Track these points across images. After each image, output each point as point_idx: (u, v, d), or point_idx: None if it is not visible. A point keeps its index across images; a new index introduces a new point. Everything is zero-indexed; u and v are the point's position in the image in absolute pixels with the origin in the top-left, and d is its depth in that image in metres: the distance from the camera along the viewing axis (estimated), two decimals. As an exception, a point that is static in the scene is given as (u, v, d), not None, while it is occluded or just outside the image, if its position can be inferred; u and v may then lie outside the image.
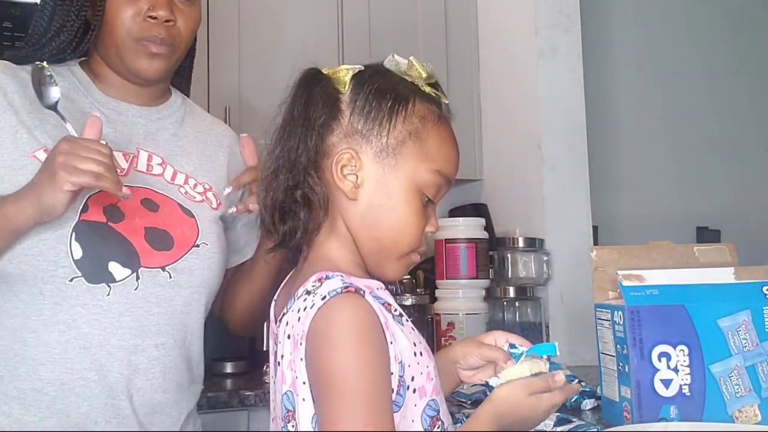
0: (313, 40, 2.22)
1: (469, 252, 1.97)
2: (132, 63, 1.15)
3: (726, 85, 3.04)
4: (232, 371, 1.96)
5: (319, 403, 0.81)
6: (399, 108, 0.91)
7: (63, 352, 1.05)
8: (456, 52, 2.43)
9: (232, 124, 2.11)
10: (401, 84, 0.93)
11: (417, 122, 0.92)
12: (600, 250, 1.26)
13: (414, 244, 0.92)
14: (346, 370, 0.80)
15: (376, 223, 0.90)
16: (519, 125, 2.28)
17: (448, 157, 0.94)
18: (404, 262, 0.93)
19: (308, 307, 0.83)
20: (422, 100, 0.93)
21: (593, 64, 2.50)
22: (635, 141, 2.88)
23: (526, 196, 2.23)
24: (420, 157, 0.91)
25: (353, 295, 0.82)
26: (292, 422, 0.86)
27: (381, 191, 0.90)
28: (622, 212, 2.81)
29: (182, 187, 1.18)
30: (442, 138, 0.94)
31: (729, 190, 2.98)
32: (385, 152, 0.90)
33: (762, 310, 1.14)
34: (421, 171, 0.91)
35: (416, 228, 0.91)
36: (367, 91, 0.92)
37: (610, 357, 1.20)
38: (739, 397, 1.12)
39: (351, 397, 0.79)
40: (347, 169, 0.90)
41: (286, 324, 0.87)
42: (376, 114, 0.91)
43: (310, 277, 0.86)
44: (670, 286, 1.15)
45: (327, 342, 0.81)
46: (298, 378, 0.84)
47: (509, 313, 2.13)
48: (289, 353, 0.86)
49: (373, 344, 0.82)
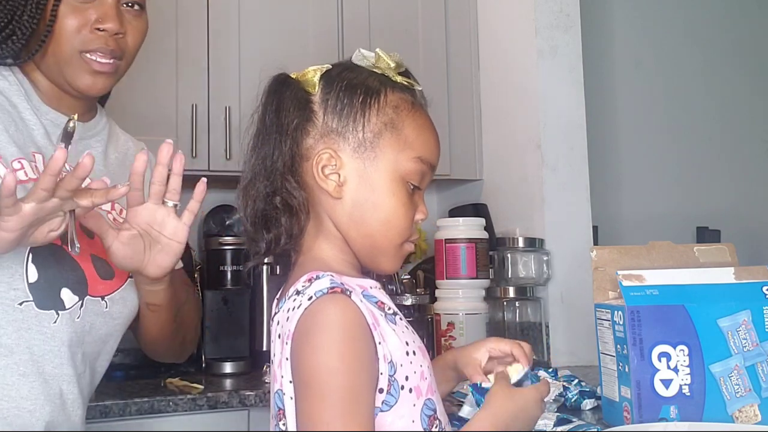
0: (313, 40, 2.22)
1: (469, 252, 1.97)
2: (74, 78, 1.08)
3: (726, 85, 3.04)
4: (232, 371, 1.96)
5: (299, 402, 0.82)
6: (371, 101, 0.91)
7: (1, 377, 1.01)
8: (456, 52, 2.43)
9: (233, 125, 2.11)
10: (371, 77, 0.93)
11: (391, 112, 0.91)
12: (600, 250, 1.26)
13: (405, 234, 0.92)
14: (325, 371, 0.80)
15: (363, 218, 0.90)
16: (519, 125, 2.28)
17: (427, 142, 0.93)
18: (398, 254, 0.93)
19: (296, 307, 0.83)
20: (394, 90, 0.93)
21: (593, 64, 2.50)
22: (635, 141, 2.88)
23: (526, 196, 2.23)
24: (398, 146, 0.91)
25: (339, 295, 0.82)
26: (282, 420, 0.86)
27: (364, 186, 0.90)
28: (622, 212, 2.81)
29: (110, 213, 1.13)
30: (419, 125, 0.93)
31: (729, 190, 2.98)
32: (363, 146, 0.90)
33: (762, 310, 1.14)
34: (402, 160, 0.90)
35: (405, 218, 0.91)
36: (337, 89, 0.92)
37: (610, 357, 1.20)
38: (739, 397, 1.12)
39: (329, 398, 0.79)
40: (328, 169, 0.90)
41: (277, 323, 0.87)
42: (349, 110, 0.91)
43: (302, 277, 0.86)
44: (670, 286, 1.15)
45: (309, 342, 0.81)
46: (284, 377, 0.85)
47: (509, 313, 2.13)
48: (279, 352, 0.86)
49: (356, 345, 0.81)
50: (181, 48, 2.11)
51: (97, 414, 1.60)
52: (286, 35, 2.21)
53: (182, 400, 1.67)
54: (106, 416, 1.61)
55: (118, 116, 2.05)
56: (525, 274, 2.12)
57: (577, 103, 2.22)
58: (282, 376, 0.85)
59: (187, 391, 1.73)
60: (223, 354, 2.07)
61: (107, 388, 1.78)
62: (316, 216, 0.92)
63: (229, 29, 2.17)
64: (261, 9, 2.21)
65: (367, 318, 0.83)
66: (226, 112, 2.11)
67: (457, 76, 2.42)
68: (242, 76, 2.14)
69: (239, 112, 2.12)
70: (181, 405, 1.67)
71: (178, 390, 1.75)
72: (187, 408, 1.68)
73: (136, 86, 2.07)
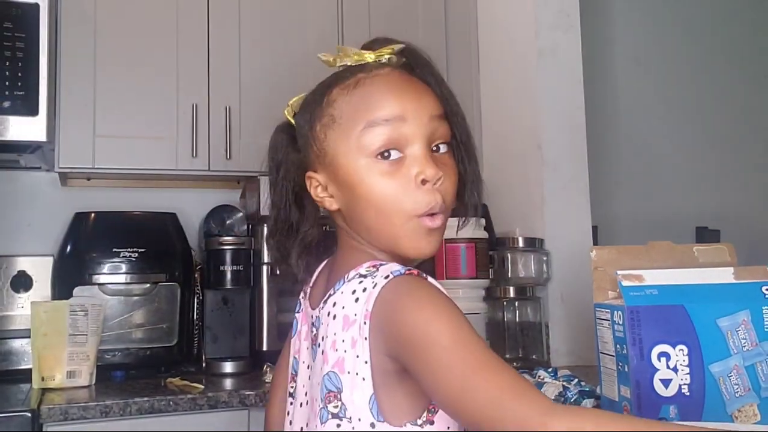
0: (313, 40, 2.22)
1: (469, 252, 1.97)
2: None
3: (726, 86, 3.04)
4: (232, 371, 1.96)
5: (433, 361, 0.75)
6: (314, 113, 0.92)
7: None
8: (456, 52, 2.43)
9: (233, 125, 2.12)
10: (319, 88, 0.94)
11: (329, 110, 0.90)
12: (600, 250, 1.26)
13: (402, 206, 0.85)
14: (448, 327, 0.75)
15: (357, 216, 0.90)
16: (519, 125, 2.28)
17: (372, 103, 0.86)
18: (416, 232, 0.86)
19: (368, 287, 0.82)
20: (337, 84, 0.91)
21: (593, 64, 2.50)
22: (635, 141, 2.88)
23: (526, 196, 2.23)
24: (343, 133, 0.88)
25: (418, 276, 0.82)
26: (334, 402, 0.84)
27: (342, 188, 0.90)
28: (622, 212, 2.81)
29: None
30: (358, 97, 0.88)
31: (729, 190, 2.99)
32: (321, 154, 0.91)
33: (761, 310, 1.14)
34: (353, 141, 0.86)
35: (394, 190, 0.85)
36: (299, 116, 0.95)
37: (609, 357, 1.20)
38: (739, 396, 1.12)
39: (466, 345, 0.75)
40: (318, 190, 0.92)
41: (333, 305, 0.86)
42: (304, 130, 0.93)
43: (363, 263, 0.86)
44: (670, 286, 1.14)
45: (412, 310, 0.77)
46: (360, 357, 0.81)
47: (509, 313, 2.13)
48: (333, 333, 0.85)
49: (456, 307, 0.79)
50: (181, 48, 2.12)
51: (97, 414, 1.61)
52: (286, 35, 2.21)
53: (182, 400, 1.68)
54: (106, 416, 1.61)
55: (118, 117, 2.06)
56: (525, 274, 2.12)
57: (577, 103, 2.22)
58: (342, 358, 0.83)
59: (187, 391, 1.73)
60: (223, 354, 2.08)
61: (107, 388, 1.79)
62: (344, 231, 0.94)
63: (229, 29, 2.17)
64: (261, 9, 2.21)
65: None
66: (226, 112, 2.11)
67: (457, 76, 2.42)
68: (242, 76, 2.15)
69: (239, 112, 2.13)
70: (181, 405, 1.67)
71: (178, 390, 1.75)
72: (187, 408, 1.68)
73: (137, 86, 2.08)
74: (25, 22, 1.80)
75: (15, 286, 2.08)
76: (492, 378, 0.73)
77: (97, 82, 2.03)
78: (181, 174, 2.15)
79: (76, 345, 1.81)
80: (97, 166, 2.02)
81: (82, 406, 1.60)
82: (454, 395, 0.74)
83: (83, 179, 2.25)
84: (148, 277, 2.00)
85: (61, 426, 1.59)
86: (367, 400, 0.82)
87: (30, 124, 1.80)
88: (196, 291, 2.14)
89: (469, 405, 0.73)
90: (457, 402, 0.74)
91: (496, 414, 0.71)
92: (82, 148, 2.00)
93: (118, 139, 2.04)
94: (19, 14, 1.80)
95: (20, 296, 2.07)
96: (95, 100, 2.03)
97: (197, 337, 2.12)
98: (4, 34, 1.78)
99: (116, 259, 1.97)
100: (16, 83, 1.78)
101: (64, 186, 2.26)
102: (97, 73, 2.04)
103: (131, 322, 1.98)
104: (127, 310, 1.98)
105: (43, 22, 1.82)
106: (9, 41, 1.78)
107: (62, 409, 1.59)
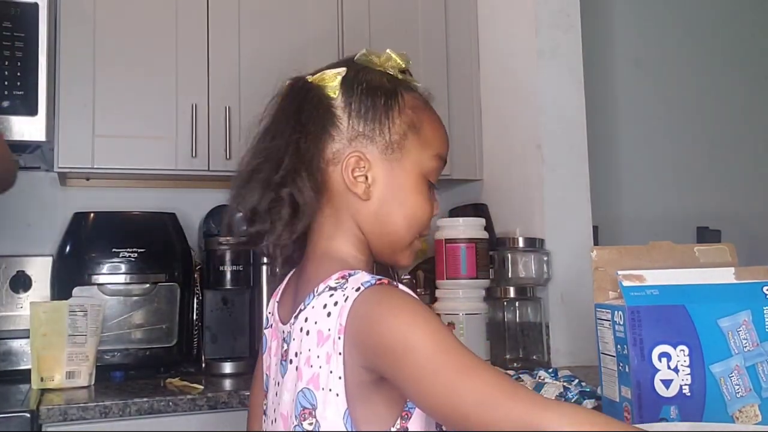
0: (313, 40, 2.22)
1: (469, 252, 1.97)
2: None
3: (726, 86, 3.04)
4: (232, 371, 1.96)
5: (417, 368, 0.75)
6: (392, 103, 0.93)
7: None
8: (456, 51, 2.43)
9: (233, 125, 2.11)
10: (384, 78, 0.95)
11: (411, 113, 0.94)
12: (600, 250, 1.26)
13: (425, 229, 0.96)
14: (425, 332, 0.75)
15: (389, 216, 0.92)
16: (519, 125, 2.28)
17: (442, 139, 0.97)
18: (413, 248, 0.97)
19: (339, 301, 0.82)
20: (407, 90, 0.96)
21: (593, 64, 2.50)
22: (635, 141, 2.88)
23: (526, 196, 2.22)
24: (421, 146, 0.94)
25: (390, 285, 0.82)
26: (309, 419, 0.84)
27: (391, 186, 0.92)
28: (622, 212, 2.81)
29: None
30: (434, 123, 0.97)
31: (729, 190, 2.98)
32: (390, 149, 0.92)
33: (762, 310, 1.13)
34: (425, 159, 0.94)
35: (427, 213, 0.95)
36: (358, 92, 0.93)
37: (610, 357, 1.20)
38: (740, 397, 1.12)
39: (448, 350, 0.74)
40: (357, 172, 0.91)
41: (305, 320, 0.86)
42: (374, 114, 0.92)
43: (332, 274, 0.86)
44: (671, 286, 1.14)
45: (386, 320, 0.78)
46: (333, 372, 0.81)
47: (509, 313, 2.13)
48: (308, 349, 0.84)
49: (431, 313, 0.80)
50: (181, 48, 2.11)
51: (97, 414, 1.60)
52: (286, 35, 2.21)
53: (182, 400, 1.67)
54: (106, 416, 1.61)
55: (118, 117, 2.06)
56: (525, 274, 2.12)
57: (577, 103, 2.22)
58: (317, 373, 0.82)
59: (187, 391, 1.73)
60: (223, 354, 2.08)
61: (107, 388, 1.79)
62: (336, 218, 0.93)
63: (229, 29, 2.16)
64: (261, 9, 2.21)
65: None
66: (226, 112, 2.10)
67: (457, 76, 2.42)
68: (242, 76, 2.14)
69: (239, 112, 2.12)
70: (181, 405, 1.67)
71: (178, 390, 1.75)
72: (187, 408, 1.67)
73: (136, 86, 2.07)
74: (24, 21, 1.80)
75: (14, 286, 2.07)
76: (480, 379, 0.73)
77: (96, 82, 2.03)
78: (180, 174, 2.14)
79: (76, 345, 1.81)
80: (97, 166, 2.02)
81: (81, 407, 1.60)
82: (442, 399, 0.73)
83: (82, 179, 2.25)
84: (148, 277, 1.99)
85: (61, 426, 1.59)
86: (341, 415, 0.81)
87: (29, 124, 1.80)
88: (196, 291, 2.14)
89: (459, 408, 0.72)
90: (445, 406, 0.73)
91: (490, 414, 0.71)
92: (82, 148, 1.99)
93: (118, 139, 2.03)
94: (19, 14, 1.79)
95: (19, 296, 2.07)
96: (95, 100, 2.02)
97: (197, 337, 2.12)
98: (3, 34, 1.78)
99: (116, 259, 1.97)
100: (15, 83, 1.78)
101: (64, 186, 2.26)
102: (96, 73, 2.03)
103: (131, 322, 1.98)
104: (127, 310, 1.98)
105: (43, 21, 1.82)
106: (8, 41, 1.77)
107: (61, 409, 1.58)
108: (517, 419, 0.69)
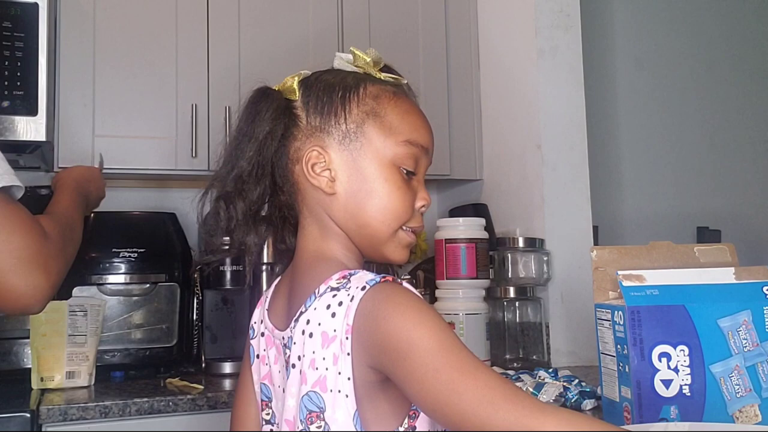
0: (313, 40, 2.22)
1: (469, 252, 1.97)
2: None
3: (726, 85, 3.04)
4: (232, 371, 1.96)
5: (419, 366, 0.75)
6: (350, 95, 0.92)
7: None
8: (456, 52, 2.43)
9: (232, 125, 2.11)
10: (348, 75, 0.95)
11: (371, 102, 0.92)
12: (600, 250, 1.26)
13: (402, 217, 0.91)
14: (431, 332, 0.76)
15: (359, 208, 0.90)
16: (519, 125, 2.28)
17: (414, 125, 0.93)
18: (400, 242, 0.92)
19: (344, 301, 0.82)
20: (374, 83, 0.94)
21: (593, 64, 2.50)
22: (635, 141, 2.88)
23: (526, 196, 2.23)
24: (384, 132, 0.91)
25: (395, 282, 0.82)
26: (317, 422, 0.83)
27: (356, 177, 0.90)
28: (622, 212, 2.81)
29: None
30: (403, 110, 0.93)
31: (729, 190, 2.98)
32: (348, 138, 0.91)
33: (762, 310, 1.14)
34: (390, 145, 0.91)
35: (402, 201, 0.91)
36: (316, 90, 0.94)
37: (610, 357, 1.20)
38: (740, 397, 1.12)
39: (458, 348, 0.75)
40: (318, 167, 0.91)
41: (307, 323, 0.85)
42: (330, 107, 0.92)
43: (331, 275, 0.86)
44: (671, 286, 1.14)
45: (393, 318, 0.77)
46: (342, 374, 0.81)
47: (509, 313, 2.13)
48: (312, 352, 0.84)
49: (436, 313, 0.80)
50: (181, 48, 2.11)
51: (97, 414, 1.60)
52: (286, 35, 2.21)
53: (182, 400, 1.67)
54: (106, 416, 1.61)
55: (118, 116, 2.06)
56: (525, 274, 2.12)
57: (577, 103, 2.22)
58: (337, 373, 0.82)
59: (187, 391, 1.73)
60: (223, 354, 2.08)
61: (107, 388, 1.79)
62: (315, 218, 0.93)
63: (229, 29, 2.16)
64: (261, 9, 2.21)
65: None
66: (226, 112, 2.10)
67: (457, 76, 2.42)
68: (242, 76, 2.14)
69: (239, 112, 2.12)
70: (181, 405, 1.67)
71: (178, 390, 1.75)
72: (187, 408, 1.67)
73: (136, 86, 2.07)
74: (24, 21, 1.80)
75: (14, 286, 2.07)
76: (481, 380, 0.73)
77: (96, 82, 2.03)
78: (180, 174, 2.14)
79: (76, 345, 1.81)
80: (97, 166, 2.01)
81: (81, 407, 1.60)
82: (443, 399, 0.73)
83: (83, 179, 2.25)
84: (148, 277, 1.99)
85: (61, 426, 1.59)
86: (351, 416, 0.81)
87: (29, 124, 1.80)
88: (196, 291, 2.14)
89: (458, 407, 0.73)
90: (445, 406, 0.74)
91: (488, 415, 0.71)
92: (82, 148, 2.00)
93: (118, 139, 2.03)
94: (19, 14, 1.79)
95: (20, 296, 2.07)
96: (95, 100, 2.03)
97: (197, 337, 2.12)
98: (3, 34, 1.78)
99: (116, 259, 1.97)
100: (15, 83, 1.78)
101: (64, 186, 2.26)
102: (96, 73, 2.03)
103: (131, 322, 1.98)
104: (127, 310, 1.98)
105: (43, 21, 1.82)
106: (8, 41, 1.77)
107: (61, 409, 1.58)
108: (515, 422, 0.70)
